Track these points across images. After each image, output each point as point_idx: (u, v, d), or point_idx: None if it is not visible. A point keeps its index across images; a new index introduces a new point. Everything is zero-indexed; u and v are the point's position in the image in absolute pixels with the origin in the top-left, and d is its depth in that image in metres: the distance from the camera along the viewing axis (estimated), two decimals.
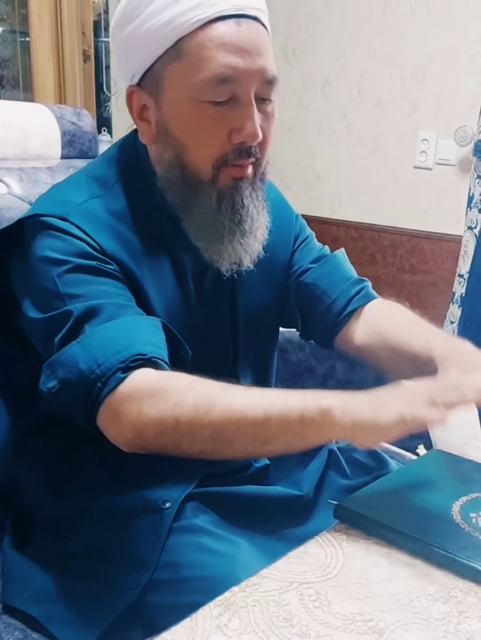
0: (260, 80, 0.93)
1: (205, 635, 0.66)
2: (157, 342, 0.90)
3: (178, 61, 0.92)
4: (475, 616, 0.68)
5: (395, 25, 2.65)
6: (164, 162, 0.98)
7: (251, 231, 0.99)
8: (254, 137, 0.94)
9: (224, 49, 0.90)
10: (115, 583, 0.92)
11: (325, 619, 0.68)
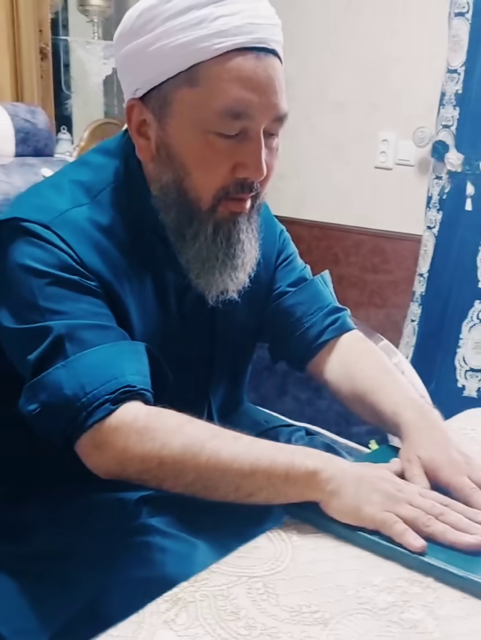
0: (272, 118, 0.92)
1: (152, 631, 0.66)
2: (144, 371, 0.90)
3: (191, 87, 0.90)
4: (418, 605, 0.69)
5: (356, 27, 2.67)
6: (162, 183, 0.96)
7: (243, 265, 0.98)
8: (259, 174, 0.92)
9: (241, 84, 0.88)
10: (69, 584, 0.91)
11: (272, 611, 0.68)
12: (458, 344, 2.33)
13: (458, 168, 2.24)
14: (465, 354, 2.32)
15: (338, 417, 1.55)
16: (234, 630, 0.66)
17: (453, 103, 2.22)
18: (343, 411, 1.51)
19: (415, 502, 0.79)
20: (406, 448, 0.92)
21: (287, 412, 1.56)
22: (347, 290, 2.91)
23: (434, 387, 2.32)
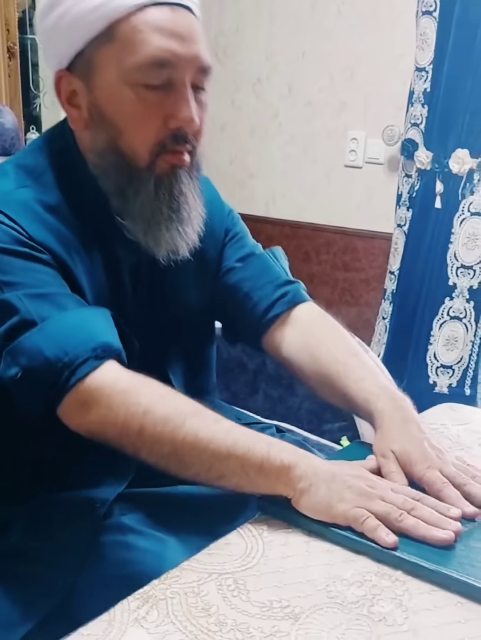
0: (196, 68, 0.93)
1: (123, 629, 0.66)
2: (115, 334, 0.90)
3: (111, 44, 0.91)
4: (387, 598, 0.69)
5: (323, 26, 2.68)
6: (97, 148, 0.96)
7: (189, 219, 0.98)
8: (191, 123, 0.93)
9: (160, 33, 0.90)
10: (41, 584, 0.91)
11: (242, 607, 0.68)
12: (429, 340, 2.35)
13: (428, 166, 2.25)
14: (436, 351, 2.34)
15: (309, 414, 1.55)
16: (205, 626, 0.66)
17: (422, 101, 2.24)
18: (314, 409, 1.52)
19: (387, 498, 0.79)
20: (379, 441, 0.91)
21: (259, 410, 1.56)
22: (318, 288, 2.93)
23: (406, 384, 2.33)
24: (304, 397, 1.54)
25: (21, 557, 0.94)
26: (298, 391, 1.54)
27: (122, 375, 0.86)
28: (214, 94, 3.22)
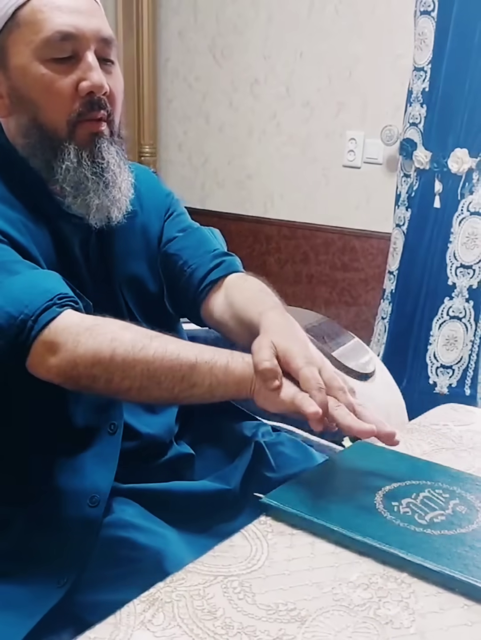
0: (98, 39, 1.00)
1: (129, 632, 0.66)
2: (68, 291, 0.94)
3: (18, 29, 0.98)
4: (394, 601, 0.69)
5: (321, 26, 2.68)
6: (22, 129, 1.02)
7: (114, 183, 1.04)
8: (100, 87, 0.99)
9: (59, 11, 0.98)
10: (41, 583, 0.91)
11: (248, 610, 0.68)
12: (428, 341, 2.35)
13: (426, 165, 2.26)
14: (435, 351, 2.34)
15: None
16: (211, 629, 0.66)
17: (420, 101, 2.24)
18: None
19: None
20: (261, 336, 0.93)
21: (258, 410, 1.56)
22: (317, 288, 2.93)
23: (405, 385, 2.33)
24: None
25: (22, 556, 0.95)
26: None
27: (86, 318, 0.91)
28: (211, 95, 3.24)
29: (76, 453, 1.01)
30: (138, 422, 1.08)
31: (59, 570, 0.91)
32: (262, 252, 3.02)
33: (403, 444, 1.04)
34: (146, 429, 1.09)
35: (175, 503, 1.01)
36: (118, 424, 1.03)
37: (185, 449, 1.13)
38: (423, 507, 0.84)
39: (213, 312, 1.14)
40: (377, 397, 1.52)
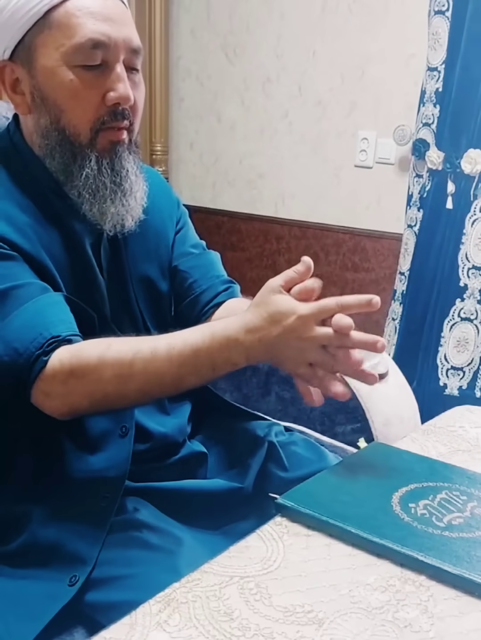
0: (128, 49, 1.00)
1: (145, 632, 0.65)
2: (67, 319, 0.95)
3: (49, 30, 0.98)
4: (412, 604, 0.69)
5: (333, 25, 2.67)
6: (41, 129, 1.02)
7: (131, 192, 1.05)
8: (127, 99, 1.00)
9: (93, 17, 0.97)
10: (53, 582, 0.91)
11: (265, 611, 0.68)
12: (439, 342, 2.34)
13: (439, 166, 2.25)
14: (446, 353, 2.33)
15: (322, 416, 1.54)
16: (228, 631, 0.65)
17: (434, 101, 2.23)
18: (327, 410, 1.51)
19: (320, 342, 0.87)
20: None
21: (271, 411, 1.55)
22: (327, 288, 2.89)
23: (416, 386, 2.32)
24: None
25: (30, 556, 0.95)
26: None
27: (64, 359, 0.90)
28: (223, 94, 3.23)
29: (88, 455, 1.01)
30: (151, 422, 1.08)
31: (70, 569, 0.91)
32: (273, 251, 3.02)
33: (419, 446, 1.03)
34: (159, 429, 1.09)
35: (188, 501, 1.01)
36: (129, 426, 1.03)
37: (198, 448, 1.13)
38: (441, 509, 0.83)
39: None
40: (391, 398, 1.51)
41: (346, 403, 1.48)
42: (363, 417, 1.45)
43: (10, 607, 0.89)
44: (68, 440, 1.01)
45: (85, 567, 0.90)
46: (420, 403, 1.64)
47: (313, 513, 0.81)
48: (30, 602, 0.89)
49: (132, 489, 1.00)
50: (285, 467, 1.10)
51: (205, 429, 1.19)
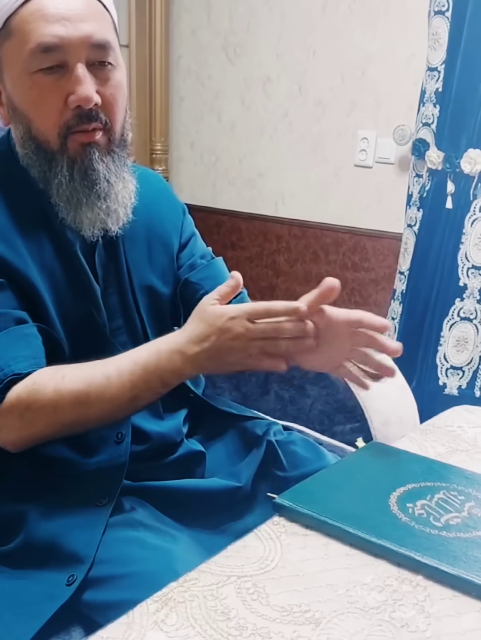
0: (88, 46, 0.97)
1: (142, 632, 0.65)
2: (34, 354, 0.96)
3: (9, 40, 0.97)
4: (409, 604, 0.69)
5: (334, 25, 2.67)
6: (19, 140, 1.02)
7: (108, 194, 1.02)
8: (87, 100, 0.96)
9: (44, 20, 0.95)
10: (50, 581, 0.91)
11: (262, 611, 0.68)
12: (439, 341, 2.34)
13: (439, 166, 2.24)
14: (446, 352, 2.33)
15: (321, 415, 1.54)
16: (225, 630, 0.65)
17: (433, 101, 2.22)
18: (326, 410, 1.51)
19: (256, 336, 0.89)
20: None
21: (270, 410, 1.55)
22: None
23: (415, 386, 2.32)
24: (316, 398, 1.53)
25: (27, 556, 0.95)
26: (310, 392, 1.53)
27: (21, 395, 0.92)
28: (224, 93, 3.23)
29: (83, 459, 1.02)
30: (147, 424, 1.08)
31: (67, 568, 0.91)
32: (272, 251, 3.02)
33: (417, 446, 1.03)
34: (155, 430, 1.09)
35: (186, 500, 1.01)
36: (125, 432, 1.03)
37: (196, 447, 1.13)
38: (438, 509, 0.83)
39: None
40: (389, 398, 1.51)
41: (345, 402, 1.48)
42: (362, 417, 1.45)
43: (8, 607, 0.89)
44: (63, 444, 1.01)
45: (83, 567, 0.90)
46: (419, 402, 1.64)
47: (311, 513, 0.82)
48: (28, 602, 0.89)
49: (130, 488, 1.01)
50: (284, 466, 1.10)
51: (203, 428, 1.19)
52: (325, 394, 1.51)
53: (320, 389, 1.52)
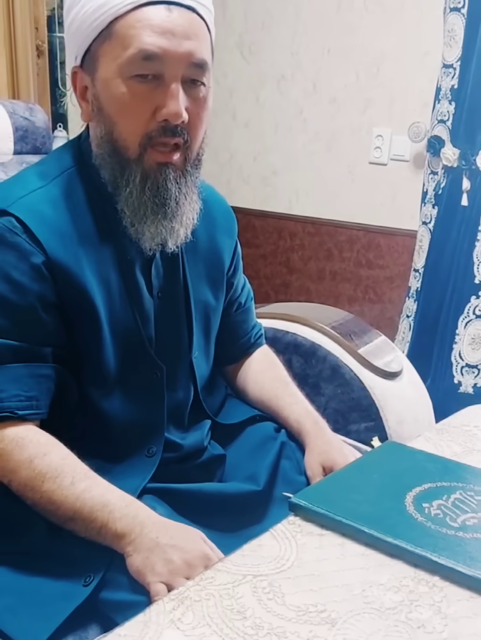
0: (187, 63, 0.96)
1: (159, 630, 0.65)
2: (37, 396, 0.97)
3: (110, 41, 0.97)
4: (425, 604, 0.69)
5: (348, 22, 2.66)
6: (97, 139, 1.01)
7: (174, 215, 1.02)
8: (177, 116, 0.96)
9: (151, 30, 0.95)
10: (68, 581, 0.91)
11: (278, 610, 0.68)
12: (454, 339, 2.32)
13: (454, 163, 2.23)
14: (461, 350, 2.32)
15: (336, 414, 1.54)
16: (241, 630, 0.66)
17: (449, 98, 2.21)
18: (341, 408, 1.51)
19: (192, 577, 0.83)
20: (308, 455, 1.12)
21: None
22: (341, 285, 2.91)
23: (430, 384, 2.31)
24: (330, 397, 1.53)
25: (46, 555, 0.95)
26: (325, 391, 1.53)
27: (5, 440, 0.95)
28: (238, 91, 3.22)
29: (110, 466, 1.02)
30: (176, 437, 1.09)
31: (84, 569, 0.91)
32: (286, 248, 3.02)
33: (433, 445, 1.03)
34: (185, 442, 1.09)
35: (206, 503, 1.01)
36: (157, 449, 1.04)
37: (218, 450, 1.14)
38: (455, 509, 0.83)
39: (237, 374, 1.30)
40: (405, 396, 1.51)
41: (359, 401, 1.48)
42: (377, 416, 1.45)
43: (25, 605, 0.89)
44: (93, 453, 1.01)
45: (100, 567, 0.91)
46: (434, 401, 1.64)
47: (326, 512, 0.82)
48: (45, 601, 0.90)
49: (150, 488, 1.01)
50: (299, 465, 1.11)
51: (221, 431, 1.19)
52: (339, 392, 1.51)
53: (334, 387, 1.51)
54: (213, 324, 1.19)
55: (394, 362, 1.56)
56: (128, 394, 1.04)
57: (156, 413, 1.06)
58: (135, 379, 1.05)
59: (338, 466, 1.05)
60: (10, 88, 2.19)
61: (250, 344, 1.30)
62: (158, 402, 1.06)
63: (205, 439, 1.14)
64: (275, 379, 1.27)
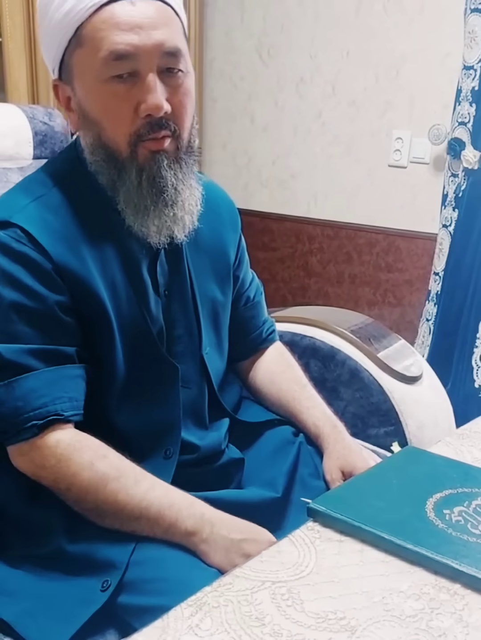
0: (160, 54, 0.96)
1: (177, 636, 0.65)
2: (77, 397, 0.98)
3: (81, 48, 0.97)
4: (446, 612, 0.68)
5: (368, 25, 2.65)
6: (88, 146, 1.02)
7: (175, 202, 1.02)
8: (157, 109, 0.96)
9: (117, 28, 0.94)
10: (85, 586, 0.91)
11: (297, 617, 0.67)
12: (474, 343, 2.31)
13: (475, 165, 2.22)
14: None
15: (354, 418, 1.53)
16: (260, 636, 0.65)
17: (470, 100, 2.20)
18: (360, 413, 1.50)
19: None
20: (327, 459, 1.12)
21: None
22: (360, 289, 2.90)
23: (450, 388, 2.30)
24: (349, 402, 1.52)
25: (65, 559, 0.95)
26: (343, 395, 1.52)
27: (62, 442, 0.95)
28: (257, 95, 3.21)
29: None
30: (194, 437, 1.08)
31: (102, 574, 0.91)
32: (305, 252, 3.01)
33: (454, 450, 1.02)
34: (203, 442, 1.09)
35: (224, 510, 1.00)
36: (174, 450, 1.04)
37: (236, 454, 1.13)
38: (476, 515, 0.82)
39: (250, 372, 1.29)
40: (425, 401, 1.50)
41: (379, 405, 1.47)
42: (397, 420, 1.44)
43: (42, 610, 0.89)
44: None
45: (117, 572, 0.90)
46: (455, 405, 1.62)
47: (345, 518, 0.81)
48: (63, 606, 0.90)
49: None
50: (317, 470, 1.10)
51: (239, 434, 1.19)
52: (358, 396, 1.50)
53: (353, 391, 1.51)
54: (223, 319, 1.19)
55: (414, 366, 1.55)
56: (142, 393, 1.05)
57: (171, 412, 1.06)
58: (148, 378, 1.05)
59: (358, 470, 1.04)
60: (30, 93, 2.19)
61: (261, 339, 1.29)
62: (173, 401, 1.06)
63: (223, 441, 1.13)
64: (291, 380, 1.26)
